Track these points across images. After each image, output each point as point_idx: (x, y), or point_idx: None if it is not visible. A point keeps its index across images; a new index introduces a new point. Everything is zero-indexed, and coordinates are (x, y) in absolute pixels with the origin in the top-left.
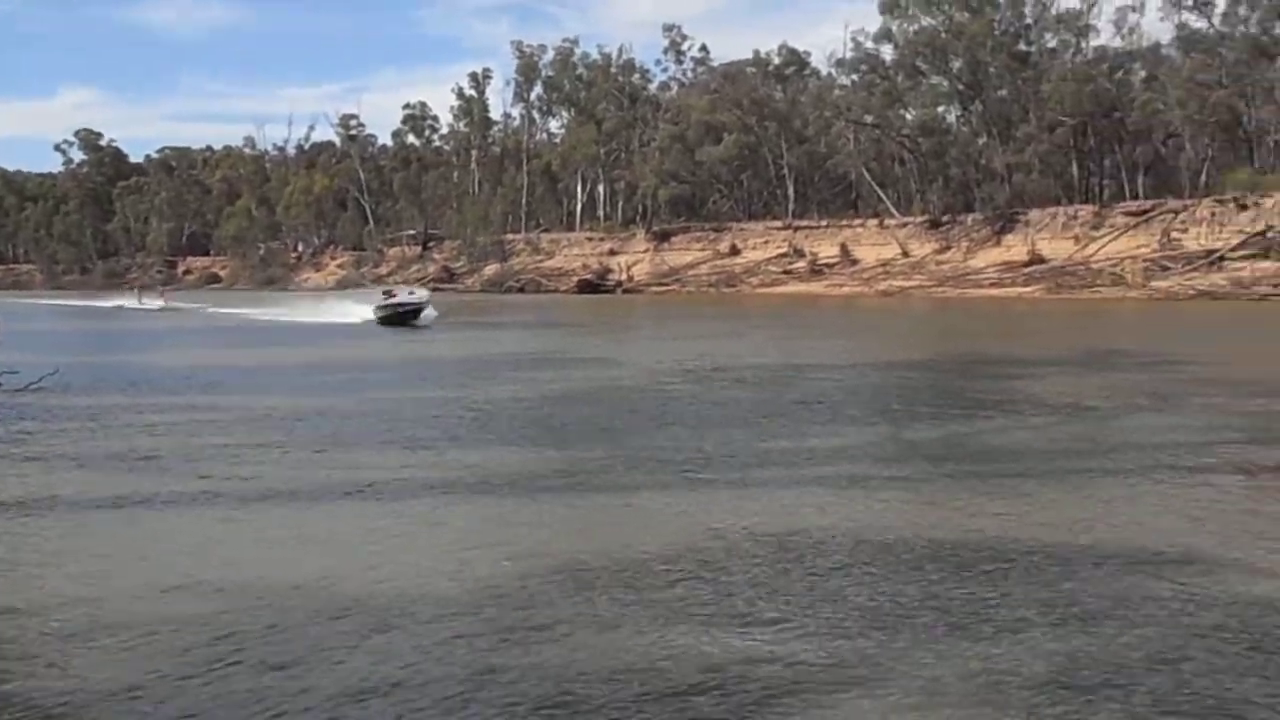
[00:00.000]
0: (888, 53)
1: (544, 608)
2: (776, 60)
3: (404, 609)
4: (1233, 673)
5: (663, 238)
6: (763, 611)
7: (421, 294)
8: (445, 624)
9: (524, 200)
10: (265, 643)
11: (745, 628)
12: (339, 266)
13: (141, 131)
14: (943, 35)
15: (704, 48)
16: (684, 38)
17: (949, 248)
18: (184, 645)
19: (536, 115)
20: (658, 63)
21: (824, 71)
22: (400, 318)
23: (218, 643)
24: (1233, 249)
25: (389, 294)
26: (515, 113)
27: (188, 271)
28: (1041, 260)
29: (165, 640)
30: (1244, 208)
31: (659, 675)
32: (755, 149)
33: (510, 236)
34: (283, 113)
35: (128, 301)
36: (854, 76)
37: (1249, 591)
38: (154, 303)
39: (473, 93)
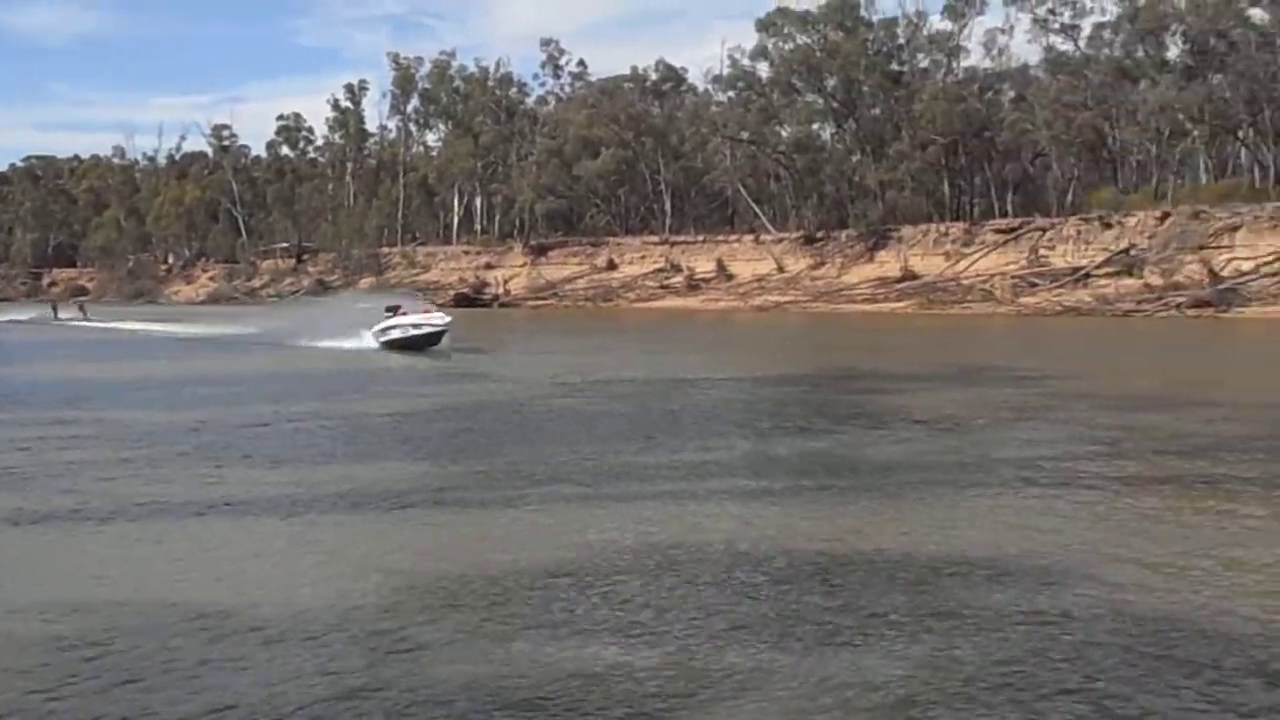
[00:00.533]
0: (764, 70)
1: (413, 622)
2: (654, 76)
3: (268, 625)
4: (1092, 675)
5: (540, 252)
6: (634, 624)
7: (440, 317)
8: (310, 639)
9: (400, 213)
10: (121, 659)
11: (616, 640)
12: (210, 279)
13: (6, 140)
14: (818, 54)
15: (582, 63)
16: (561, 52)
17: (823, 263)
18: (35, 662)
19: (413, 128)
20: (535, 77)
21: (701, 88)
22: (417, 343)
23: (72, 659)
24: (1098, 266)
25: (394, 310)
26: (391, 125)
27: (53, 283)
28: (914, 276)
29: (14, 657)
30: (1108, 226)
31: (529, 688)
32: (632, 164)
33: (386, 250)
34: (153, 122)
35: (42, 314)
36: (730, 93)
37: (1110, 599)
38: (72, 315)
39: (348, 104)
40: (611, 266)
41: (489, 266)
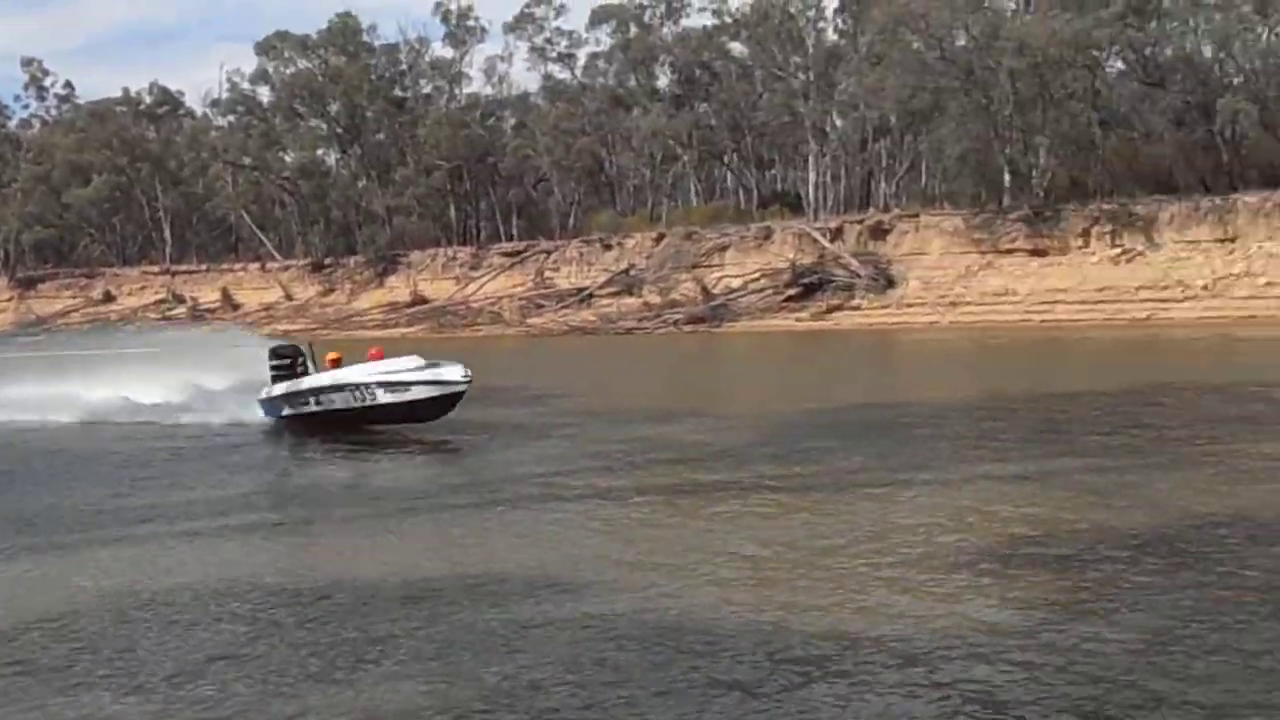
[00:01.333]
0: (265, 95)
1: None
2: (148, 99)
3: None
4: (630, 685)
5: (28, 285)
6: (117, 673)
7: (454, 370)
8: None
9: None
10: None
11: (124, 693)
12: None
13: None
14: (320, 79)
15: (69, 84)
16: (45, 73)
17: (333, 290)
18: None
19: None
20: (17, 99)
21: (199, 112)
22: (414, 414)
23: None
24: (600, 287)
25: (289, 362)
26: None
27: None
28: (424, 300)
29: None
30: (609, 248)
31: None
32: (128, 191)
33: None
34: None
35: None
36: (230, 118)
37: (616, 604)
38: None
39: None
40: (109, 298)
41: None
